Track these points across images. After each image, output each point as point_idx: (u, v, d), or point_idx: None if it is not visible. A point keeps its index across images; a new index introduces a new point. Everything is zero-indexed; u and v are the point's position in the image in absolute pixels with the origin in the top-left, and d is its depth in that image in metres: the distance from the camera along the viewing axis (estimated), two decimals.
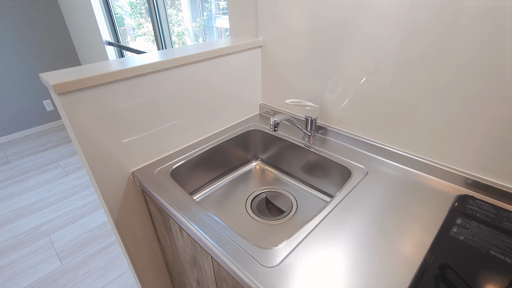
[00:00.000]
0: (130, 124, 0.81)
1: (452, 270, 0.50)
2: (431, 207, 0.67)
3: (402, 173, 0.80)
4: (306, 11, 0.87)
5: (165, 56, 0.84)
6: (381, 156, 0.86)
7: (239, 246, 0.59)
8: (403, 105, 0.77)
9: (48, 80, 0.64)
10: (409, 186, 0.75)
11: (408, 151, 0.81)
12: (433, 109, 0.72)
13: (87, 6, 2.26)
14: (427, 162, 0.77)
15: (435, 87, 0.69)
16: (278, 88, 1.09)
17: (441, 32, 0.64)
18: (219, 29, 4.73)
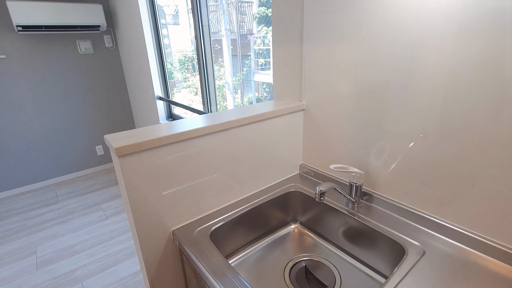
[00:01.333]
0: (176, 182, 0.83)
1: None
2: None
3: (464, 254, 0.70)
4: (348, 75, 0.89)
5: (213, 120, 0.89)
6: (437, 232, 0.78)
7: None
8: (459, 173, 0.71)
9: (112, 143, 0.70)
10: (474, 273, 0.65)
11: (469, 229, 0.72)
12: (495, 179, 0.65)
13: (145, 65, 2.56)
14: (493, 244, 0.68)
15: (497, 154, 0.64)
16: (319, 149, 1.09)
17: (495, 92, 0.61)
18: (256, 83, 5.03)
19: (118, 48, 3.12)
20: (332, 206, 0.95)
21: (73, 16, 2.57)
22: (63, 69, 2.88)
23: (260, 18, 4.67)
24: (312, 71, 1.01)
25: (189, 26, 3.71)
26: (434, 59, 0.69)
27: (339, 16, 0.86)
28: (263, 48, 5.13)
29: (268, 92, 5.41)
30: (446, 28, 0.65)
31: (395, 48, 0.76)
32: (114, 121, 3.34)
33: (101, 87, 3.14)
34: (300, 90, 1.09)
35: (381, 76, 0.81)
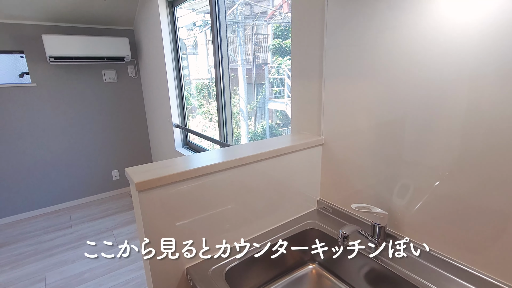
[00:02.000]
0: (192, 217, 0.82)
1: None
2: None
3: None
4: (369, 111, 0.89)
5: (232, 155, 0.89)
6: (469, 283, 0.72)
7: None
8: (489, 214, 0.66)
9: (133, 178, 0.70)
10: None
11: (505, 281, 0.66)
12: None
13: (165, 94, 2.65)
14: None
15: None
16: (338, 185, 1.06)
17: None
18: (270, 111, 5.10)
19: (140, 77, 3.26)
20: (353, 248, 0.90)
21: (101, 48, 2.74)
22: (87, 97, 3.02)
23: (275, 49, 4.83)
24: (331, 106, 1.01)
25: (206, 56, 3.88)
26: (451, 98, 0.67)
27: (358, 53, 0.88)
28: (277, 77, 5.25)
29: (281, 120, 5.45)
30: (462, 71, 0.64)
31: (413, 86, 0.75)
32: (132, 147, 3.41)
33: (121, 113, 3.25)
34: (319, 125, 1.08)
35: (401, 112, 0.80)
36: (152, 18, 2.51)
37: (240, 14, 2.79)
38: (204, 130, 2.87)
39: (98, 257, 2.24)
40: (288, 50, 5.04)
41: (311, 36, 1.04)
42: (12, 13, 2.45)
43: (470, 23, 0.63)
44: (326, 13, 0.95)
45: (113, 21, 2.92)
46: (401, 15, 0.75)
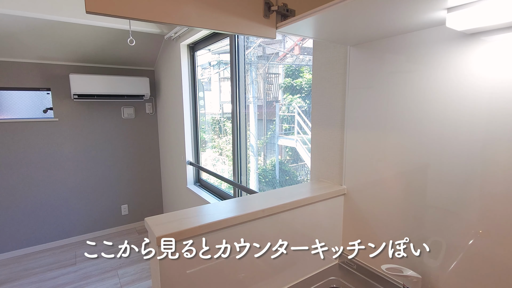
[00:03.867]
0: (213, 276, 0.77)
1: None
2: None
3: None
4: (393, 162, 0.86)
5: (253, 206, 0.86)
6: None
7: None
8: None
9: (154, 232, 0.68)
10: None
11: None
12: None
13: (180, 131, 2.70)
14: None
15: None
16: (362, 238, 1.00)
17: None
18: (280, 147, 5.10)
19: (156, 114, 3.36)
20: None
21: (122, 86, 2.87)
22: (105, 132, 3.10)
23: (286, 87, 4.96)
24: (353, 155, 0.99)
25: (219, 92, 4.01)
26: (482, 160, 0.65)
27: (382, 105, 0.87)
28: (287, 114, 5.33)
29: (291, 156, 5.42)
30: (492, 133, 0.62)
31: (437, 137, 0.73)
32: (143, 182, 3.41)
33: (135, 149, 3.31)
34: (340, 174, 1.06)
35: (427, 161, 0.77)
36: (173, 60, 2.65)
37: (254, 55, 2.92)
38: (214, 164, 2.87)
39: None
40: (298, 89, 5.16)
41: (332, 85, 1.05)
42: (45, 55, 2.63)
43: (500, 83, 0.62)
44: (348, 64, 0.97)
45: (136, 62, 3.09)
46: (426, 69, 0.76)
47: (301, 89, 4.93)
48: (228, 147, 4.25)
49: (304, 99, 5.22)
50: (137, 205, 3.41)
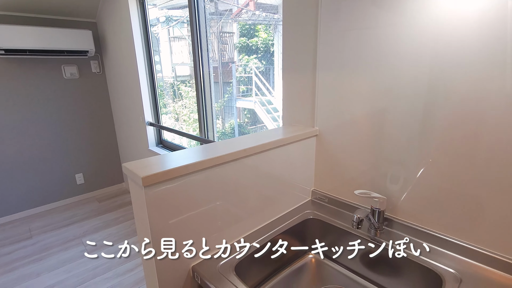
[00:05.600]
0: (194, 214, 0.78)
1: None
2: None
3: (502, 280, 0.70)
4: (363, 102, 0.92)
5: (235, 147, 0.86)
6: (465, 256, 0.78)
7: None
8: (469, 197, 0.73)
9: (137, 173, 0.65)
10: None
11: (498, 253, 0.73)
12: (498, 200, 0.67)
13: (136, 91, 2.51)
14: None
15: (503, 177, 0.66)
16: (333, 175, 1.08)
17: None
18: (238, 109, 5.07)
19: (105, 73, 3.05)
20: (354, 233, 0.93)
21: (60, 41, 2.51)
22: (45, 94, 2.75)
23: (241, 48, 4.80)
24: (325, 97, 1.03)
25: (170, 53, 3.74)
26: (445, 89, 0.72)
27: (355, 45, 0.90)
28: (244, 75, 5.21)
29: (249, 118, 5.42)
30: (461, 60, 0.69)
31: (410, 78, 0.79)
32: (98, 148, 3.18)
33: (84, 112, 3.01)
34: (313, 116, 1.10)
35: (394, 103, 0.84)
36: (120, 11, 2.36)
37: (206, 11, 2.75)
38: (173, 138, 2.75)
39: (68, 268, 2.07)
40: (254, 49, 5.01)
41: (304, 28, 1.04)
42: None
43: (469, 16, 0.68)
44: (320, 5, 0.96)
45: (74, 13, 2.69)
46: (398, 10, 0.79)
47: (257, 49, 4.79)
48: (185, 112, 4.09)
49: (260, 60, 5.12)
50: (94, 173, 3.21)
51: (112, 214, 2.85)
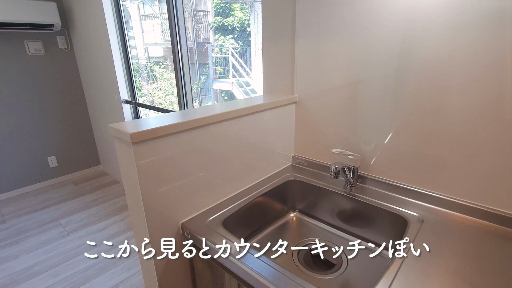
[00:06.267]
0: (181, 174, 0.81)
1: None
2: (508, 255, 0.67)
3: (458, 219, 0.80)
4: (340, 69, 0.97)
5: (218, 110, 0.89)
6: (430, 203, 0.87)
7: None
8: (432, 154, 0.82)
9: (125, 130, 0.66)
10: (473, 231, 0.75)
11: (454, 196, 0.83)
12: (463, 160, 0.76)
13: (109, 67, 2.41)
14: (480, 208, 0.79)
15: (463, 139, 0.75)
16: (312, 140, 1.14)
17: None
18: (215, 91, 5.01)
19: (73, 50, 2.89)
20: (331, 190, 1.01)
21: (21, 13, 2.33)
22: (7, 72, 2.57)
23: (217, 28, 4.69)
24: (304, 65, 1.07)
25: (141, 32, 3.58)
26: (418, 55, 0.79)
27: (332, 13, 0.94)
28: (221, 56, 5.10)
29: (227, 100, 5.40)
30: (430, 25, 0.75)
31: (384, 44, 0.85)
32: (70, 129, 3.05)
33: (53, 92, 2.86)
34: (292, 84, 1.14)
35: (369, 71, 0.90)
36: None
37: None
38: (146, 114, 2.69)
39: (48, 248, 2.03)
40: (230, 29, 4.89)
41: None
42: None
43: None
44: None
45: None
46: None
47: (233, 29, 4.67)
48: (160, 94, 3.98)
49: (237, 40, 5.00)
50: (68, 155, 3.09)
51: (90, 196, 2.79)
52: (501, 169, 0.74)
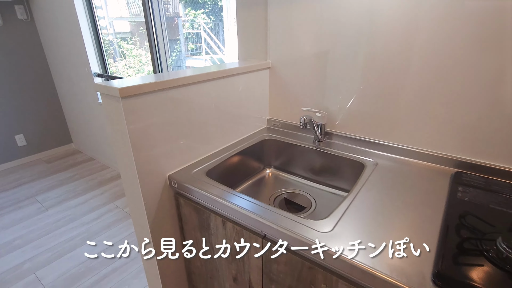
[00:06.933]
0: (165, 130, 0.88)
1: (471, 215, 0.64)
2: (436, 183, 0.83)
3: (406, 162, 0.96)
4: (311, 36, 1.06)
5: (198, 72, 0.96)
6: (384, 151, 1.02)
7: (293, 220, 0.68)
8: (390, 111, 0.96)
9: (114, 85, 0.72)
10: (415, 170, 0.90)
11: (405, 145, 0.98)
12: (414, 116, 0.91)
13: (77, 38, 2.32)
14: (421, 151, 0.95)
15: (415, 98, 0.89)
16: (284, 104, 1.25)
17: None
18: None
19: (34, 21, 2.71)
20: (303, 146, 1.13)
21: None
22: None
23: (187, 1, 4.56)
24: (277, 32, 1.15)
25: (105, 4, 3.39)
26: (382, 30, 0.90)
27: None
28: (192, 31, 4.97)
29: None
30: None
31: (353, 16, 0.94)
32: (37, 105, 2.93)
33: (14, 66, 2.70)
34: (265, 51, 1.22)
35: (338, 40, 1.00)
36: None
37: None
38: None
39: (26, 224, 2.03)
40: (201, 3, 4.74)
41: None
42: None
43: None
44: None
45: None
46: None
47: (204, 3, 4.53)
48: (130, 72, 3.85)
49: (208, 15, 4.86)
50: (36, 133, 2.99)
51: (65, 173, 2.76)
52: (443, 121, 0.89)
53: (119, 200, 2.28)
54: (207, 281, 1.03)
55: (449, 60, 0.82)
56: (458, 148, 0.89)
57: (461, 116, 0.85)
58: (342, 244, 0.60)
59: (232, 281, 0.91)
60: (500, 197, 0.72)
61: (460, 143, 0.88)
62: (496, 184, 0.78)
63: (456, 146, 0.89)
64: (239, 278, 0.88)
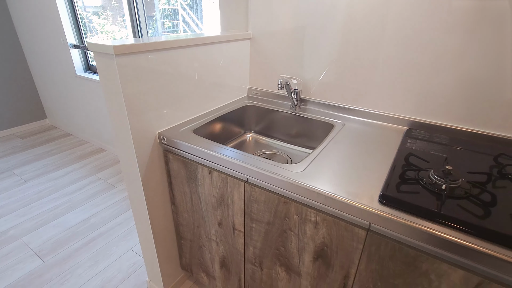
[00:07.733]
0: (154, 90, 0.96)
1: (414, 156, 0.79)
2: (391, 138, 0.98)
3: (369, 123, 1.10)
4: (288, 10, 1.15)
5: (183, 37, 1.02)
6: (351, 115, 1.16)
7: (271, 164, 0.80)
8: (354, 88, 1.09)
9: (107, 43, 0.78)
10: (376, 129, 1.05)
11: (370, 109, 1.12)
12: (376, 85, 1.04)
13: (50, 7, 2.24)
14: (382, 114, 1.09)
15: (381, 67, 1.02)
16: (264, 73, 1.34)
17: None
18: None
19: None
20: (281, 111, 1.24)
21: None
22: None
23: None
24: (258, 4, 1.22)
25: None
26: (358, 9, 1.00)
27: None
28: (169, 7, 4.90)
29: None
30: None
31: None
32: (5, 80, 2.81)
33: None
34: (247, 22, 1.29)
35: (315, 15, 1.09)
36: None
37: None
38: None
39: (6, 195, 2.03)
40: None
41: None
42: None
43: None
44: None
45: None
46: None
47: None
48: None
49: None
50: (6, 109, 2.88)
51: (42, 148, 2.72)
52: (401, 89, 1.03)
53: (101, 172, 2.31)
54: (194, 230, 1.14)
55: (415, 38, 0.95)
56: (412, 110, 1.04)
57: (416, 85, 1.00)
58: (311, 180, 0.73)
59: (218, 227, 1.04)
60: (439, 146, 0.88)
61: (414, 106, 1.03)
62: (438, 137, 0.94)
63: (410, 109, 1.04)
64: (223, 223, 1.00)
